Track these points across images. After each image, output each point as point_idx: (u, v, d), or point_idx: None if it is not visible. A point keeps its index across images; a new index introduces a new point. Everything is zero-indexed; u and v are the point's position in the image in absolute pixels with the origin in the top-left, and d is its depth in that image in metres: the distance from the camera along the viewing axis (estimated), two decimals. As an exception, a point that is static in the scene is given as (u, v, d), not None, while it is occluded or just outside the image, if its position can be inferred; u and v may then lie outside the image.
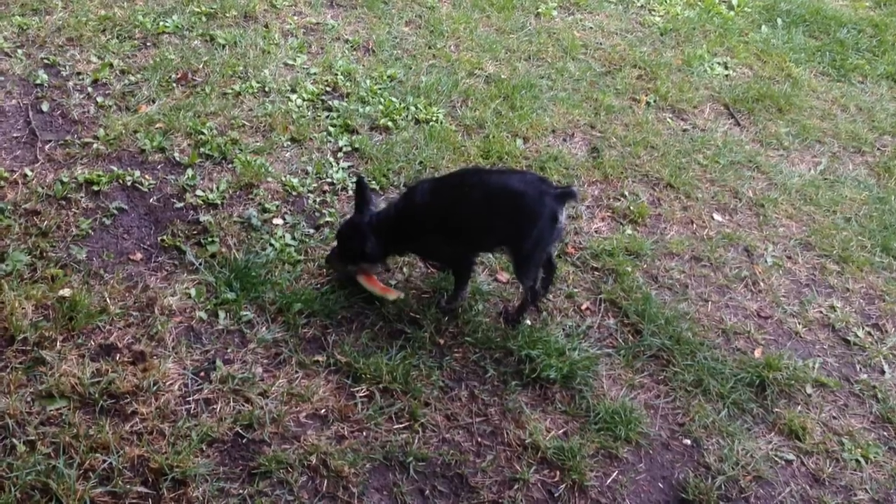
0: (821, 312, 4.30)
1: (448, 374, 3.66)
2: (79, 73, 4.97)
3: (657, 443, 3.54)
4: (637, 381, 3.76)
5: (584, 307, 4.08)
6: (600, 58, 5.97)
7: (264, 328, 3.70)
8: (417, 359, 3.66)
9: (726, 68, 6.12)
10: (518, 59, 5.78)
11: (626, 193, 4.79)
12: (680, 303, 4.16)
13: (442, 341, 3.79)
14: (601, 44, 6.14)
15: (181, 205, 4.25)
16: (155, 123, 4.69)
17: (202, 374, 3.47)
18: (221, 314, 3.73)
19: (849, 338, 4.18)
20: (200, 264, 3.93)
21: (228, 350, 3.60)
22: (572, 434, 3.49)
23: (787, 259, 4.58)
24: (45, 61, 5.01)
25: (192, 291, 3.80)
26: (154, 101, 4.86)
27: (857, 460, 3.60)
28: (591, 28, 6.31)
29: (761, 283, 4.38)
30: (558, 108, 5.35)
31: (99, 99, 4.81)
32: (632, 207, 4.68)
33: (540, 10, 6.42)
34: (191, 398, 3.36)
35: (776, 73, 6.19)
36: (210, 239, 4.07)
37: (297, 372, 3.55)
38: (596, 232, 4.52)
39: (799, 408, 3.77)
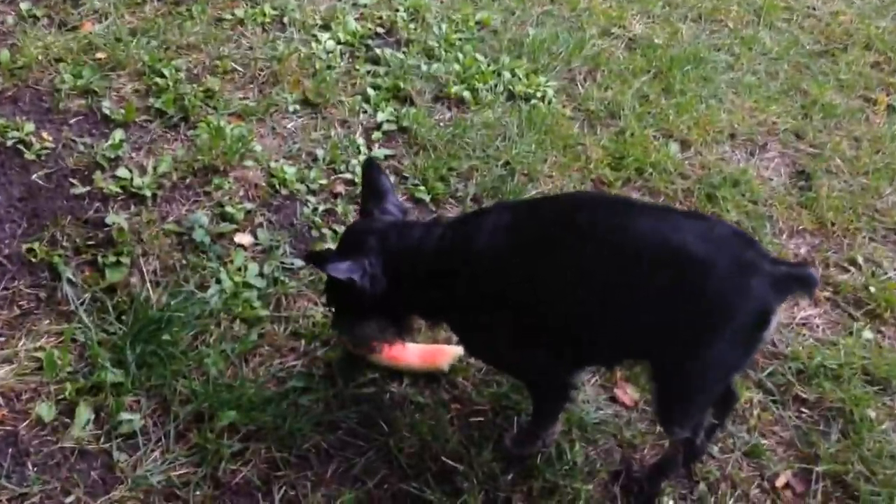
0: None
1: None
2: (8, -35, 3.26)
3: None
4: None
5: (780, 483, 2.12)
6: (812, 29, 3.91)
7: (157, 454, 1.93)
8: (439, 568, 1.80)
9: None
10: (682, 18, 3.80)
11: (860, 259, 2.76)
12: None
13: (494, 529, 1.91)
14: (815, 8, 4.07)
15: (83, 190, 2.51)
16: (94, 51, 2.97)
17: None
18: (83, 413, 1.98)
19: None
20: (82, 303, 2.20)
21: (68, 500, 1.80)
22: None
23: None
24: (-29, -56, 3.32)
25: (46, 357, 2.03)
26: (106, 17, 3.11)
27: None
28: (798, -16, 4.24)
29: None
30: (742, 100, 3.35)
31: (24, 5, 3.09)
32: (871, 287, 2.64)
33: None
34: None
35: None
36: (114, 258, 2.34)
37: (188, 570, 1.75)
38: (804, 325, 2.52)
39: None
